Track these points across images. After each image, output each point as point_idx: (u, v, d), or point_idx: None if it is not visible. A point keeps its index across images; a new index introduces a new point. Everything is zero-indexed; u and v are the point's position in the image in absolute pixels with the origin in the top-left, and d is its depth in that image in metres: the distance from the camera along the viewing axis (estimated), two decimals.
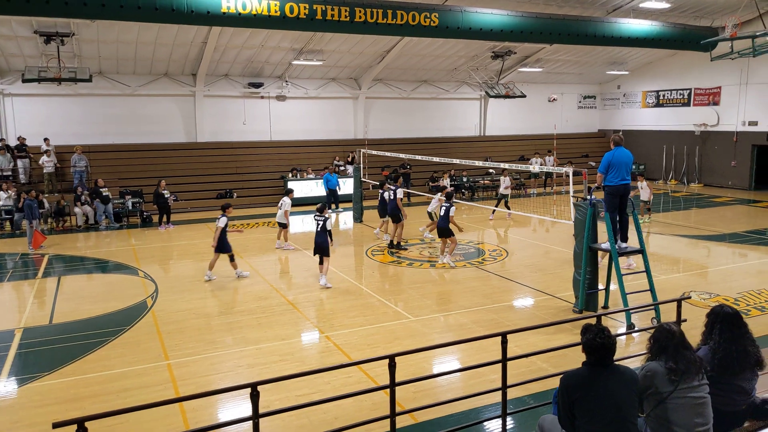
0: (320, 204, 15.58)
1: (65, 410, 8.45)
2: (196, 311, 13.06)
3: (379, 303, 13.45)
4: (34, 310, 13.57)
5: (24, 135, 25.80)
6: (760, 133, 31.00)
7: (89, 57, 25.53)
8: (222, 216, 15.52)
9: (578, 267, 12.36)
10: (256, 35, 25.56)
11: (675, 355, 5.33)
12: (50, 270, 17.21)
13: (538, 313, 12.76)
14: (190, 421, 8.15)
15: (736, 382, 5.67)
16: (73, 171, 25.76)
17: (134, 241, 21.02)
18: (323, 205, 15.43)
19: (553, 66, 35.33)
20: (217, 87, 29.94)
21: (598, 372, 5.29)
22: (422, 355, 10.02)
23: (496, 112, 37.28)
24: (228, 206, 16.05)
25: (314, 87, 32.10)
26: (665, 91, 36.21)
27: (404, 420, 7.80)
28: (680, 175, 35.21)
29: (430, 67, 32.75)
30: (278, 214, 19.05)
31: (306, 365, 9.89)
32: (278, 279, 15.88)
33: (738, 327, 5.79)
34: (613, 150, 11.87)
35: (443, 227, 16.63)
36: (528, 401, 8.30)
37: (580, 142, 39.19)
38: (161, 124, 29.34)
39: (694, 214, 25.79)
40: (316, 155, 31.59)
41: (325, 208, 15.37)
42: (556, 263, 16.83)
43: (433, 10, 21.52)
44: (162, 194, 22.88)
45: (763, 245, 18.94)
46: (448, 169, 29.25)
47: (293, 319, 12.46)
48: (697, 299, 13.03)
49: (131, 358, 10.48)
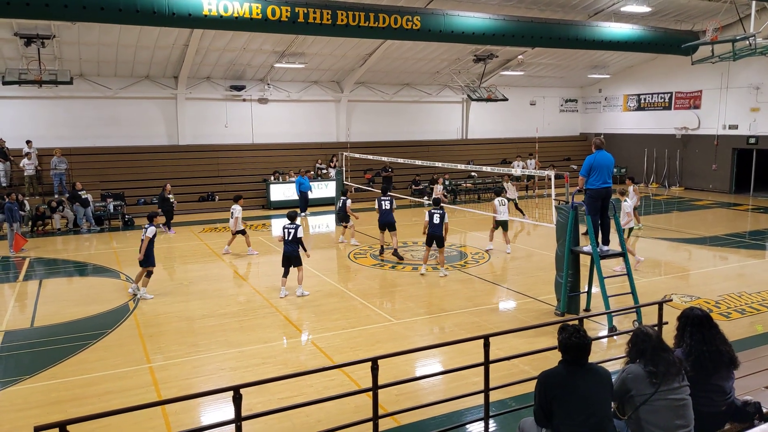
0: (290, 211, 14.86)
1: (47, 414, 8.40)
2: (178, 314, 13.01)
3: (362, 306, 13.46)
4: (16, 313, 13.47)
5: (4, 138, 25.56)
6: (740, 136, 31.32)
7: (70, 59, 25.38)
8: (149, 226, 14.31)
9: (560, 270, 12.43)
10: (238, 38, 25.50)
11: (654, 358, 5.41)
12: (31, 273, 17.09)
13: (520, 316, 12.82)
14: (173, 425, 8.12)
15: (714, 381, 5.76)
16: (52, 174, 25.55)
17: (116, 244, 20.91)
18: (293, 213, 14.72)
19: (534, 69, 35.47)
20: (198, 90, 29.84)
21: (575, 371, 5.40)
22: (405, 358, 10.02)
23: (478, 115, 37.41)
24: (155, 215, 14.88)
25: (296, 90, 32.07)
26: (646, 94, 36.50)
27: (387, 423, 7.80)
28: (661, 178, 35.49)
29: (413, 70, 32.80)
30: (230, 222, 18.83)
31: (289, 368, 9.89)
32: (261, 282, 15.84)
33: (708, 328, 5.89)
34: (595, 153, 11.91)
35: (439, 235, 15.70)
36: (510, 404, 8.33)
37: (562, 146, 39.43)
38: (143, 127, 29.19)
39: (675, 217, 26.01)
40: (298, 158, 31.54)
41: (296, 216, 14.74)
42: (537, 266, 16.90)
43: (415, 14, 21.55)
44: (167, 198, 22.64)
45: (743, 248, 19.13)
46: (442, 173, 29.11)
47: (276, 322, 12.44)
48: (679, 302, 13.11)
49: (113, 361, 10.43)
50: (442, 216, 15.62)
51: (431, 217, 15.73)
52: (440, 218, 15.61)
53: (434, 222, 15.65)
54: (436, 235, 15.67)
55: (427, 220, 15.86)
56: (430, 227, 15.72)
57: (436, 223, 15.62)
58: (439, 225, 15.59)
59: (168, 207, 22.64)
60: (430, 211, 15.90)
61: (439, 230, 15.60)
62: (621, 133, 37.68)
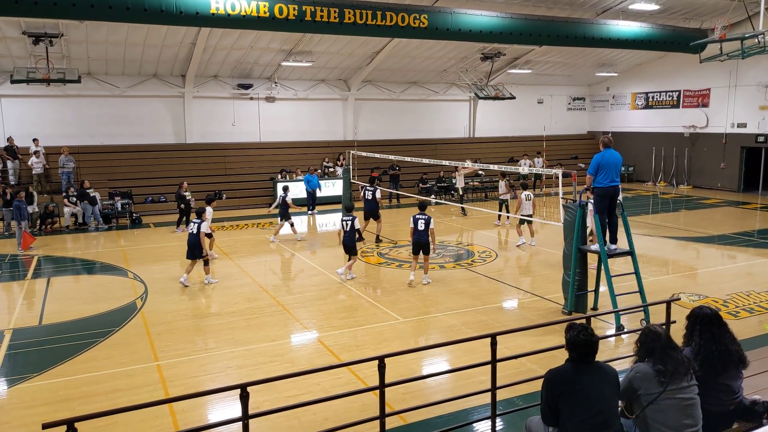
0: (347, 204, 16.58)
1: (55, 411, 8.42)
2: (186, 312, 13.04)
3: (369, 304, 13.46)
4: (24, 311, 13.51)
5: (13, 136, 25.65)
6: (749, 135, 31.17)
7: (78, 58, 25.44)
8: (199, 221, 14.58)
9: (567, 268, 12.40)
10: (246, 36, 25.52)
11: (663, 357, 5.39)
12: (39, 271, 17.15)
13: (527, 314, 12.79)
14: (180, 422, 8.13)
15: (722, 381, 5.73)
16: (60, 172, 25.59)
17: (123, 242, 20.96)
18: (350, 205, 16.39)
19: (542, 68, 35.40)
20: (206, 88, 29.88)
21: (581, 368, 5.39)
22: (412, 357, 10.03)
23: (485, 113, 37.35)
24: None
25: (303, 88, 32.07)
26: (654, 92, 36.37)
27: (394, 421, 7.80)
28: (669, 176, 35.37)
29: (420, 68, 32.77)
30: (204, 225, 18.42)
31: (295, 366, 9.88)
32: (268, 280, 15.85)
33: (718, 327, 5.86)
34: (603, 152, 11.89)
35: (426, 242, 14.67)
36: (517, 402, 8.32)
37: (570, 144, 39.32)
38: (150, 125, 29.26)
39: (683, 215, 25.91)
40: (305, 156, 31.54)
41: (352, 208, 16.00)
42: (545, 265, 16.87)
43: (422, 12, 21.54)
44: (183, 196, 22.58)
45: (751, 247, 19.05)
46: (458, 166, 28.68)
47: (283, 321, 12.45)
48: (687, 301, 13.07)
49: (121, 359, 10.46)
50: (427, 222, 14.47)
51: (416, 223, 14.57)
52: (425, 224, 14.47)
53: (419, 228, 14.52)
54: (422, 242, 14.62)
55: (412, 226, 14.72)
56: (416, 234, 14.59)
57: (421, 229, 14.49)
58: (425, 231, 14.49)
59: (185, 204, 22.61)
60: (414, 216, 14.73)
61: (425, 237, 14.56)
62: (629, 131, 37.58)
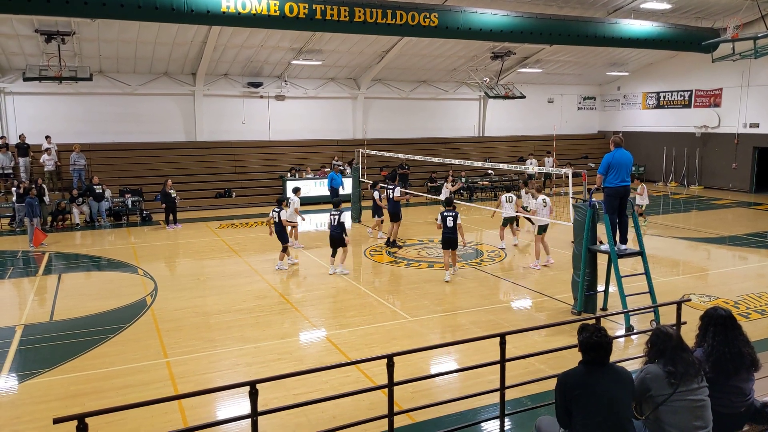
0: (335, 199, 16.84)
1: (65, 406, 8.49)
2: (195, 309, 13.07)
3: (377, 303, 13.46)
4: (35, 307, 13.59)
5: (25, 133, 25.78)
6: (761, 135, 30.99)
7: (90, 56, 25.55)
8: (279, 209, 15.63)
9: (577, 269, 12.37)
10: (256, 35, 25.57)
11: (673, 358, 5.35)
12: (50, 267, 17.24)
13: (536, 314, 12.78)
14: (189, 419, 8.16)
15: (733, 383, 5.68)
16: (72, 170, 25.77)
17: (134, 239, 21.04)
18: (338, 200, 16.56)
19: (552, 67, 35.32)
20: (216, 86, 29.95)
21: (595, 370, 5.31)
22: (420, 355, 10.04)
23: (495, 112, 37.28)
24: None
25: (313, 87, 32.11)
26: (666, 92, 36.22)
27: (402, 420, 7.80)
28: (680, 177, 35.22)
29: (430, 67, 32.75)
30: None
31: (304, 364, 9.91)
32: (277, 278, 15.87)
33: (732, 329, 5.78)
34: (613, 151, 11.85)
35: (455, 238, 15.19)
36: (526, 402, 8.31)
37: (580, 144, 39.22)
38: (161, 123, 29.37)
39: (694, 216, 25.81)
40: (314, 155, 31.60)
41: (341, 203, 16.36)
42: (554, 264, 16.82)
43: (432, 10, 21.53)
44: (168, 193, 22.80)
45: (763, 248, 18.94)
46: (459, 170, 28.69)
47: (291, 318, 12.47)
48: (697, 302, 13.02)
49: (131, 355, 10.50)
50: (455, 218, 15.07)
51: (444, 220, 15.16)
52: (453, 220, 15.06)
53: (448, 225, 15.10)
54: (453, 238, 15.16)
55: (439, 222, 15.32)
56: (445, 230, 15.17)
57: (450, 226, 15.07)
58: (453, 227, 15.06)
59: (170, 202, 22.81)
60: (442, 213, 15.34)
61: (453, 232, 15.12)
62: (640, 131, 37.44)
